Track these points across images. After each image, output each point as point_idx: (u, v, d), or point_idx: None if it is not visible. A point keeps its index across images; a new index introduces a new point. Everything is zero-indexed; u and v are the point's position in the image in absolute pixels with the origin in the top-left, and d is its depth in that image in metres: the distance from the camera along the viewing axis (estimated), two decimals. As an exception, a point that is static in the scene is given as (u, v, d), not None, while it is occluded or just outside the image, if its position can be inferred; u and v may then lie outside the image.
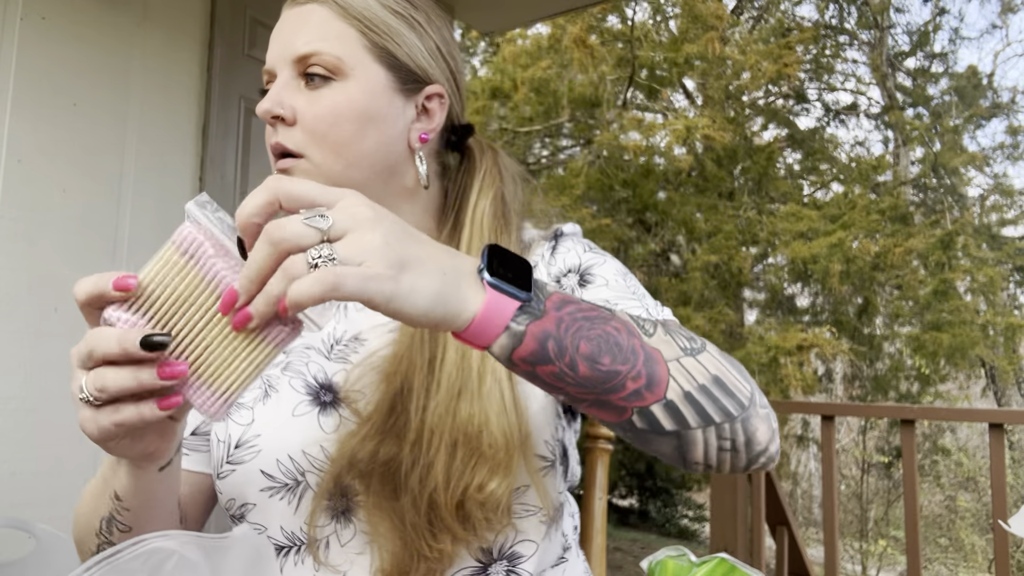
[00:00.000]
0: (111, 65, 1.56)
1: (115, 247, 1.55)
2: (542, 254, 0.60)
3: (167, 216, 1.66)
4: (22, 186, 1.40)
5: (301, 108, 0.53)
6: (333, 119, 0.53)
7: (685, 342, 0.43)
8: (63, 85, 1.47)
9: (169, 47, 1.68)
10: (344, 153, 0.54)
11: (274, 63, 0.55)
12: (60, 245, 1.45)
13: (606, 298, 0.54)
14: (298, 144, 0.54)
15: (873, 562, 5.85)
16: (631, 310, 0.52)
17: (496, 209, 0.58)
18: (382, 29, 0.55)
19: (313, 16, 0.54)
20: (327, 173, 0.53)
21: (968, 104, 6.40)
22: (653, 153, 5.99)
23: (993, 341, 5.55)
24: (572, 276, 0.58)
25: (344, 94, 0.53)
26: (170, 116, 1.67)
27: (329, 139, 0.53)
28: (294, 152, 0.54)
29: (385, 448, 0.49)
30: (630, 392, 0.40)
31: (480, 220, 0.56)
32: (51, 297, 1.44)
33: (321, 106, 0.53)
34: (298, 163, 0.54)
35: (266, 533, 0.53)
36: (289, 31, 0.54)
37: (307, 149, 0.53)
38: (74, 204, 1.48)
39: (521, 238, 0.60)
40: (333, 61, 0.53)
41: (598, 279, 0.56)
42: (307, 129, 0.53)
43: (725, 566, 0.62)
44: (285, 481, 0.52)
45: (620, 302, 0.54)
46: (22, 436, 1.38)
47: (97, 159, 1.53)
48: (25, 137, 1.41)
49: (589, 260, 0.58)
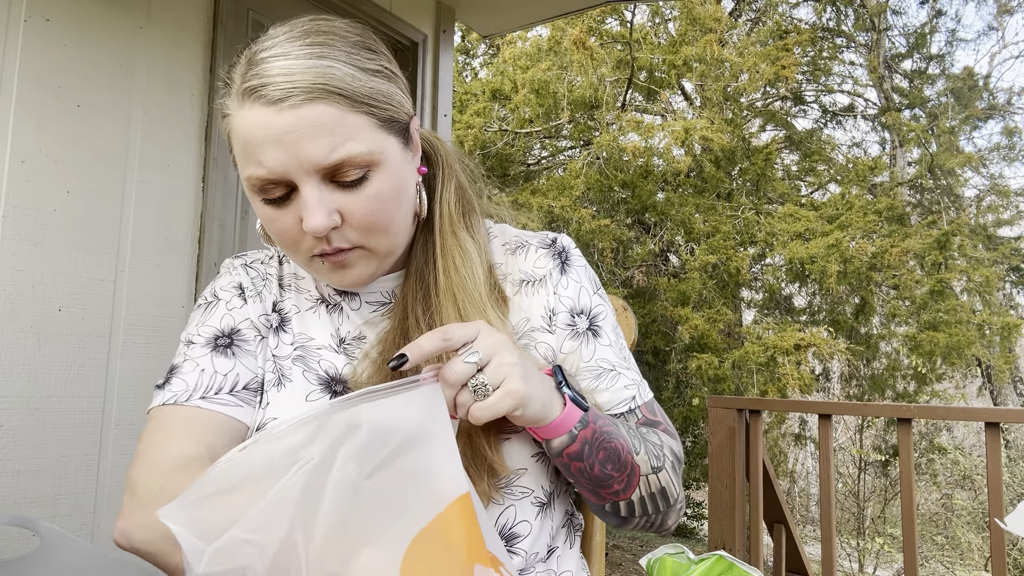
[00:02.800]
0: (114, 66, 1.57)
1: (119, 247, 1.56)
2: (547, 270, 0.63)
3: (171, 216, 1.66)
4: (26, 187, 1.41)
5: (347, 209, 0.52)
6: (382, 208, 0.53)
7: (654, 460, 0.57)
8: (67, 86, 1.48)
9: (172, 48, 1.69)
10: (392, 229, 0.55)
11: (288, 174, 0.50)
12: (64, 245, 1.46)
13: (612, 363, 0.62)
14: (353, 240, 0.54)
15: (870, 560, 5.87)
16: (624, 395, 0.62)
17: (459, 196, 0.63)
18: (382, 102, 0.53)
19: (323, 118, 0.49)
20: (381, 250, 0.56)
21: (964, 106, 6.43)
22: (652, 154, 6.01)
23: (989, 341, 5.58)
24: (583, 319, 0.62)
25: (382, 182, 0.53)
26: (173, 117, 1.68)
27: (381, 226, 0.54)
28: (349, 248, 0.54)
29: None
30: (614, 491, 0.55)
31: (448, 208, 0.61)
32: (55, 297, 1.45)
33: (367, 200, 0.52)
34: (354, 253, 0.55)
35: None
36: (296, 139, 0.49)
37: (363, 241, 0.54)
38: (78, 205, 1.49)
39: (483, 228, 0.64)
40: (366, 158, 0.51)
41: (604, 335, 0.63)
42: (360, 226, 0.53)
43: (723, 563, 0.63)
44: None
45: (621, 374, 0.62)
46: (26, 435, 1.39)
47: (101, 160, 1.53)
48: (29, 138, 1.42)
49: (597, 306, 0.64)
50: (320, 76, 0.49)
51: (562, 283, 0.62)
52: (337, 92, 0.50)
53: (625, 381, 0.62)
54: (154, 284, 1.62)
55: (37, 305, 1.42)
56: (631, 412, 0.62)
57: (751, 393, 5.12)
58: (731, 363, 5.09)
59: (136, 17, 1.62)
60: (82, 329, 1.48)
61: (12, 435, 1.37)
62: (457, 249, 0.59)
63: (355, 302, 0.62)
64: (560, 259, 0.63)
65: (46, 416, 1.42)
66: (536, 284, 0.62)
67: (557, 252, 0.64)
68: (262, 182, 0.52)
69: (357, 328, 0.61)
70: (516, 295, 0.62)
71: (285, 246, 0.55)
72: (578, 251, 0.66)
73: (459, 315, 0.57)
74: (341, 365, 0.59)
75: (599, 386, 0.61)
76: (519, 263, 0.63)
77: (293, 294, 0.63)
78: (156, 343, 1.61)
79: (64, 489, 1.44)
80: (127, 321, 1.56)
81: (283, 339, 0.60)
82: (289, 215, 0.52)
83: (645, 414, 0.62)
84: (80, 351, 1.48)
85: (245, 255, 0.67)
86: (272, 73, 0.50)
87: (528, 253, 0.63)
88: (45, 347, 1.42)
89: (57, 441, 1.43)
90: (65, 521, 1.42)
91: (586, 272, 0.65)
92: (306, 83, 0.49)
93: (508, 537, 0.56)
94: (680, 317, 5.35)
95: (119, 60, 1.58)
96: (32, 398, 1.40)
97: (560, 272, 0.63)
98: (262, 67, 0.50)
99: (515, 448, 0.56)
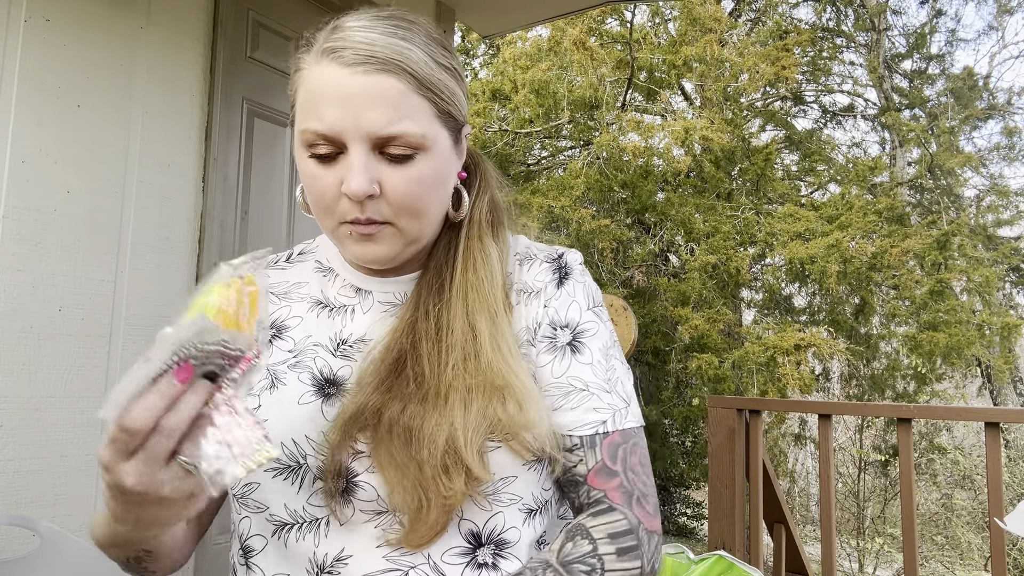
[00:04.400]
0: (115, 67, 1.57)
1: (119, 248, 1.56)
2: (544, 283, 0.62)
3: (171, 217, 1.67)
4: (26, 187, 1.41)
5: (388, 183, 0.54)
6: (420, 191, 0.55)
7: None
8: (67, 86, 1.48)
9: (172, 49, 1.69)
10: (425, 216, 0.57)
11: (343, 134, 0.53)
12: (64, 245, 1.46)
13: (586, 382, 0.58)
14: (386, 215, 0.55)
15: (870, 560, 5.87)
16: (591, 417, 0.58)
17: (491, 207, 0.64)
18: (447, 95, 0.56)
19: (389, 90, 0.52)
20: (409, 234, 0.57)
21: (964, 106, 6.43)
22: (652, 154, 6.01)
23: (989, 340, 5.58)
24: (566, 332, 0.60)
25: (426, 167, 0.55)
26: (173, 117, 1.68)
27: (415, 208, 0.56)
28: (381, 222, 0.56)
29: (395, 403, 0.54)
30: None
31: (478, 215, 0.63)
32: (55, 297, 1.45)
33: (408, 181, 0.54)
34: (384, 228, 0.56)
35: (268, 511, 0.56)
36: (361, 103, 0.52)
37: (394, 219, 0.56)
38: (78, 205, 1.49)
39: (508, 240, 0.65)
40: (417, 140, 0.53)
41: (586, 352, 0.60)
42: (395, 203, 0.55)
43: (723, 563, 0.63)
44: (288, 463, 0.55)
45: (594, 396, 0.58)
46: (26, 435, 1.39)
47: (101, 160, 1.53)
48: (29, 138, 1.42)
49: (587, 322, 0.61)
50: (397, 53, 0.53)
51: (555, 296, 0.61)
52: (408, 71, 0.53)
53: (597, 403, 0.58)
54: (154, 284, 1.62)
55: (37, 305, 1.42)
56: (591, 440, 0.57)
57: (751, 393, 5.12)
58: (731, 363, 5.09)
59: (136, 17, 1.62)
60: (82, 329, 1.48)
61: (12, 435, 1.37)
62: (480, 252, 0.61)
63: (368, 302, 0.62)
64: (559, 273, 0.63)
65: (46, 416, 1.42)
66: (531, 296, 0.62)
67: (559, 266, 0.63)
68: (316, 136, 0.54)
69: (364, 330, 0.60)
70: (517, 305, 0.62)
71: (320, 209, 0.56)
72: (582, 268, 0.65)
73: (466, 312, 0.57)
74: (337, 367, 0.59)
75: (564, 405, 0.57)
76: (523, 274, 0.63)
77: (291, 303, 0.64)
78: (156, 343, 1.61)
79: (64, 489, 1.44)
80: (127, 321, 1.57)
81: (281, 346, 0.61)
82: (331, 175, 0.54)
83: (604, 458, 0.57)
84: (80, 351, 1.48)
85: None
86: (355, 39, 0.53)
87: (532, 266, 0.63)
88: (45, 347, 1.42)
89: (57, 441, 1.43)
90: (65, 521, 1.42)
91: (584, 288, 0.63)
92: (384, 55, 0.53)
93: (497, 543, 0.56)
94: (680, 317, 5.36)
95: (119, 60, 1.58)
96: (32, 398, 1.40)
97: (556, 286, 0.62)
98: (346, 33, 0.54)
99: (502, 458, 0.54)
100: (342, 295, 0.63)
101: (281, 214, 1.93)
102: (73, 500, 1.45)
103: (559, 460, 0.57)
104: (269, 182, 1.90)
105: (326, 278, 0.65)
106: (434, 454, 0.51)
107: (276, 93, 1.92)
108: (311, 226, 1.97)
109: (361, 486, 0.54)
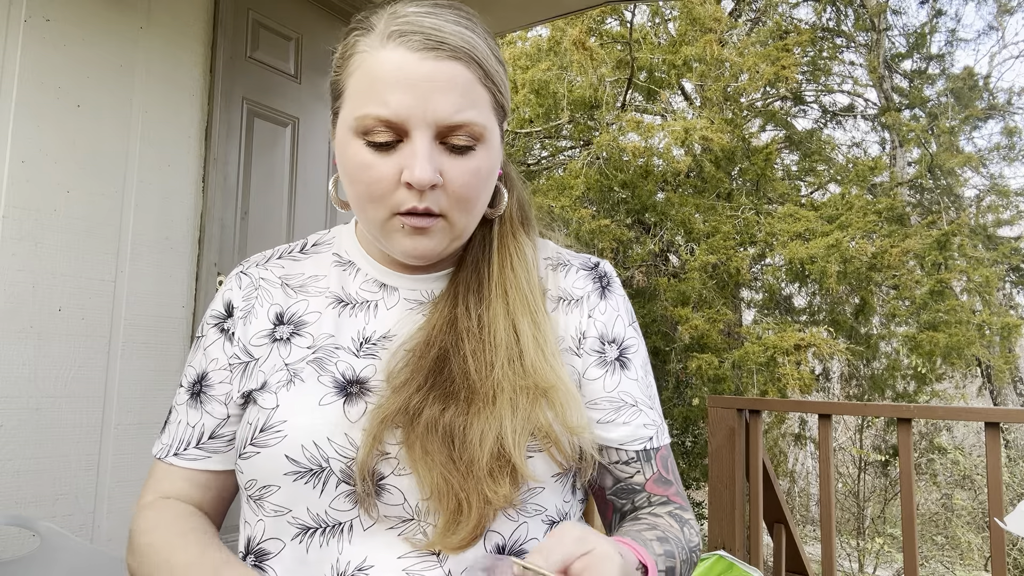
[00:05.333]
0: (115, 67, 1.57)
1: (119, 248, 1.56)
2: (585, 292, 0.62)
3: (170, 217, 1.67)
4: (26, 187, 1.41)
5: (449, 174, 0.53)
6: (478, 185, 0.54)
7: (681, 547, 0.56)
8: (67, 87, 1.48)
9: (172, 49, 1.69)
10: (475, 210, 0.56)
11: (409, 120, 0.51)
12: (64, 246, 1.46)
13: (635, 398, 0.60)
14: (443, 207, 0.54)
15: (870, 560, 5.87)
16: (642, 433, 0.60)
17: (520, 207, 0.64)
18: (502, 87, 0.56)
19: (459, 78, 0.52)
20: (459, 228, 0.56)
21: (964, 106, 6.43)
22: (652, 154, 6.01)
23: (989, 340, 5.58)
24: (614, 348, 0.61)
25: (484, 159, 0.54)
26: (173, 118, 1.68)
27: (470, 201, 0.55)
28: (437, 213, 0.54)
29: (436, 402, 0.52)
30: None
31: (511, 213, 0.63)
32: (55, 297, 1.45)
33: (468, 173, 0.53)
34: (438, 221, 0.54)
35: (291, 514, 0.54)
36: (431, 88, 0.51)
37: (449, 211, 0.54)
38: (78, 205, 1.49)
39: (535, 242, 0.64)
40: (480, 131, 0.53)
41: (633, 367, 0.61)
42: (454, 195, 0.53)
43: (723, 563, 0.63)
44: (310, 467, 0.53)
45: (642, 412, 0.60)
46: (26, 435, 1.39)
47: (101, 160, 1.53)
48: (29, 138, 1.42)
49: (629, 338, 0.63)
50: (467, 42, 0.53)
51: (599, 308, 0.61)
52: (476, 60, 0.53)
53: (645, 420, 0.60)
54: (154, 284, 1.62)
55: (37, 305, 1.42)
56: (645, 453, 0.60)
57: (751, 393, 5.12)
58: (731, 363, 5.09)
59: (136, 17, 1.62)
60: (82, 329, 1.48)
61: (12, 435, 1.37)
62: (515, 249, 0.60)
63: (394, 298, 0.61)
64: (601, 284, 0.63)
65: (46, 416, 1.42)
66: (572, 304, 0.61)
67: (599, 276, 0.63)
68: (377, 122, 0.52)
69: (387, 327, 0.59)
70: (553, 311, 0.61)
71: (372, 198, 0.54)
72: (619, 280, 0.65)
73: (507, 311, 0.57)
74: (360, 368, 0.57)
75: (617, 419, 0.59)
76: (559, 280, 0.62)
77: (307, 297, 0.61)
78: (156, 343, 1.62)
79: (64, 489, 1.44)
80: (127, 321, 1.56)
81: (298, 343, 0.59)
82: (389, 164, 0.52)
83: (660, 469, 0.60)
84: (80, 351, 1.48)
85: (245, 262, 0.66)
86: (424, 25, 0.52)
87: (569, 272, 0.63)
88: (45, 347, 1.42)
89: (57, 441, 1.43)
90: (65, 521, 1.42)
91: (624, 302, 0.64)
92: (455, 43, 0.52)
93: (518, 553, 0.55)
94: (680, 317, 5.36)
95: (119, 60, 1.58)
96: (32, 398, 1.40)
97: (600, 296, 0.62)
98: (412, 19, 0.52)
99: (538, 465, 0.54)
100: (364, 290, 0.61)
101: (281, 214, 1.93)
102: (73, 500, 1.45)
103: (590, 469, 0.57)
104: (269, 182, 1.90)
105: (346, 272, 0.62)
106: (482, 456, 0.50)
107: (276, 93, 1.92)
108: (310, 226, 1.97)
109: (388, 490, 0.52)
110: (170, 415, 0.63)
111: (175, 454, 0.60)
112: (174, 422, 0.62)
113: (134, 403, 1.56)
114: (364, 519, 0.53)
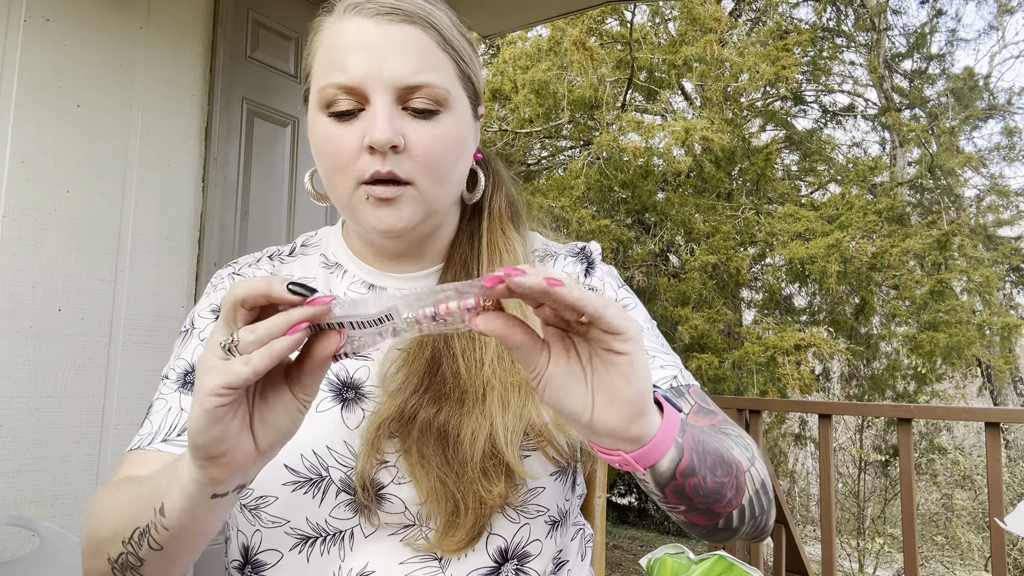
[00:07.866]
0: (114, 67, 1.57)
1: (119, 248, 1.56)
2: (576, 275, 0.62)
3: (170, 217, 1.66)
4: (26, 187, 1.41)
5: (412, 137, 0.52)
6: (443, 150, 0.53)
7: (745, 451, 0.50)
8: (66, 87, 1.48)
9: (172, 49, 1.69)
10: (446, 181, 0.55)
11: (367, 84, 0.51)
12: (64, 246, 1.46)
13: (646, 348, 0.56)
14: (408, 173, 0.53)
15: (870, 560, 5.87)
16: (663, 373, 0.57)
17: (509, 202, 0.64)
18: (467, 57, 0.56)
19: (416, 42, 0.52)
20: (429, 200, 0.55)
21: (965, 105, 6.43)
22: (652, 154, 6.01)
23: (989, 341, 5.58)
24: None
25: (449, 126, 0.53)
26: (173, 117, 1.68)
27: (438, 169, 0.53)
28: (403, 180, 0.53)
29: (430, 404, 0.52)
30: (727, 500, 0.45)
31: (499, 207, 0.62)
32: (55, 297, 1.45)
33: (432, 137, 0.52)
34: (406, 190, 0.53)
35: (288, 525, 0.53)
36: (387, 51, 0.51)
37: (416, 178, 0.53)
38: (78, 205, 1.49)
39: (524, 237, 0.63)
40: (442, 94, 0.52)
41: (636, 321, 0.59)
42: (418, 159, 0.52)
43: (723, 564, 0.63)
44: (309, 476, 0.53)
45: (656, 356, 0.58)
46: (26, 435, 1.39)
47: (100, 160, 1.53)
48: (29, 138, 1.42)
49: (624, 298, 0.61)
50: (422, 9, 0.53)
51: (586, 283, 0.62)
52: (433, 26, 0.53)
53: (662, 362, 0.58)
54: (154, 284, 1.62)
55: (37, 305, 1.42)
56: (676, 391, 0.56)
57: (751, 393, 5.12)
58: (731, 363, 5.09)
59: (136, 17, 1.62)
60: (82, 329, 1.48)
61: (12, 435, 1.37)
62: (505, 244, 0.60)
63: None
64: (586, 262, 0.64)
65: (46, 416, 1.42)
66: None
67: (584, 257, 0.64)
68: (337, 90, 0.51)
69: None
70: None
71: (336, 171, 0.53)
72: (602, 256, 0.66)
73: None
74: (353, 370, 0.57)
75: None
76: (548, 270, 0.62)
77: None
78: (156, 343, 1.61)
79: (64, 489, 1.44)
80: (127, 321, 1.56)
81: None
82: (351, 133, 0.52)
83: (698, 402, 0.56)
84: (80, 351, 1.48)
85: (235, 263, 0.65)
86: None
87: (557, 261, 0.63)
88: (45, 347, 1.42)
89: (57, 441, 1.43)
90: (65, 521, 1.42)
91: (611, 272, 0.65)
92: (409, 9, 0.53)
93: (520, 557, 0.55)
94: (680, 317, 5.35)
95: (119, 60, 1.58)
96: (32, 398, 1.40)
97: (586, 275, 0.63)
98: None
99: (535, 464, 0.54)
100: (352, 293, 0.60)
101: (281, 214, 1.93)
102: (73, 500, 1.45)
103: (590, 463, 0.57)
104: (269, 182, 1.90)
105: (333, 274, 0.62)
106: (474, 456, 0.50)
107: (276, 93, 1.92)
108: (310, 226, 1.97)
109: (388, 499, 0.52)
110: (151, 409, 0.59)
111: (163, 440, 0.55)
112: (159, 411, 0.57)
113: (134, 403, 1.56)
114: (365, 526, 0.53)
